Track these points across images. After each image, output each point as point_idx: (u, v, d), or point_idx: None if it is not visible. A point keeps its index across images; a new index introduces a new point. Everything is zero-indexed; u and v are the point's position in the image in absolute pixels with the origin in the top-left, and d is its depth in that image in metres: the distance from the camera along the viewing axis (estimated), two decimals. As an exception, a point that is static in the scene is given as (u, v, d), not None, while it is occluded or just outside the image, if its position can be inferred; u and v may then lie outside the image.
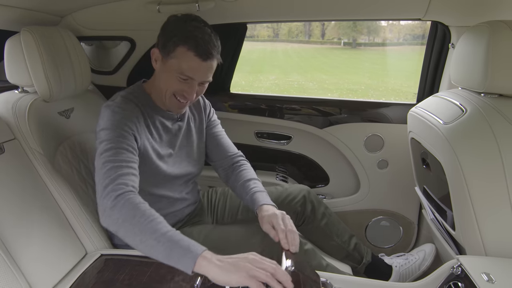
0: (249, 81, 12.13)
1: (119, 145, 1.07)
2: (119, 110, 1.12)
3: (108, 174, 1.00)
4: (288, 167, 1.96)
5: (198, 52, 1.10)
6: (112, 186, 0.98)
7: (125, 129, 1.10)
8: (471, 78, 1.12)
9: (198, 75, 1.15)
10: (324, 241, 1.50)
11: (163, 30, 1.18)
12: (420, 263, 1.48)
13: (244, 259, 0.87)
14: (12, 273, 0.94)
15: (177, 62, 1.13)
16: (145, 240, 0.91)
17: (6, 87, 1.39)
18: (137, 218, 0.93)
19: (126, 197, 0.96)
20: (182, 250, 0.88)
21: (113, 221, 0.95)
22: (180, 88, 1.17)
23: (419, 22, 1.61)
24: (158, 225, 0.92)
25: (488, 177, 0.98)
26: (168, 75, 1.16)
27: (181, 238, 0.91)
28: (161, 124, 1.26)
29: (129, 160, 1.06)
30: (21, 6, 1.31)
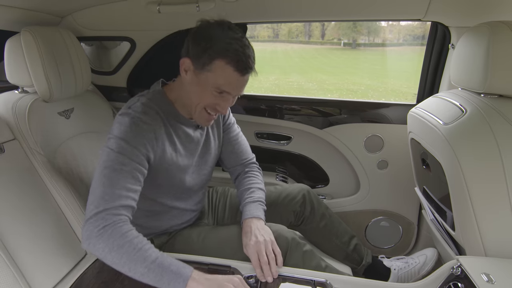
0: (249, 81, 12.12)
1: (127, 167, 0.99)
2: (139, 121, 1.04)
3: (105, 200, 0.95)
4: (288, 167, 1.96)
5: (239, 67, 1.02)
6: (103, 215, 0.94)
7: (139, 148, 1.03)
8: (471, 78, 1.12)
9: (236, 90, 1.08)
10: (323, 242, 1.49)
11: (195, 38, 1.06)
12: (420, 267, 1.47)
13: (229, 280, 0.94)
14: (11, 273, 0.94)
15: (213, 76, 1.04)
16: (134, 268, 0.91)
17: (6, 87, 1.39)
18: (125, 248, 0.92)
19: (114, 227, 0.93)
20: (173, 275, 0.91)
21: (98, 250, 0.93)
22: (213, 102, 1.09)
23: (419, 23, 1.61)
24: (146, 253, 0.93)
25: (488, 177, 0.98)
26: (201, 89, 1.07)
27: (170, 263, 0.93)
28: (183, 133, 1.19)
29: (131, 188, 1.00)
30: (22, 6, 1.31)
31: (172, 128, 1.15)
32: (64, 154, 1.33)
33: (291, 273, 1.06)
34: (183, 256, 1.14)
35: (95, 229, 0.92)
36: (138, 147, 1.02)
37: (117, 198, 0.96)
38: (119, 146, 1.00)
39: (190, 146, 1.22)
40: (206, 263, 1.10)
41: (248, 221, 1.19)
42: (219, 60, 1.02)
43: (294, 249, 1.18)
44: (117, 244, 0.92)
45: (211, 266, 1.08)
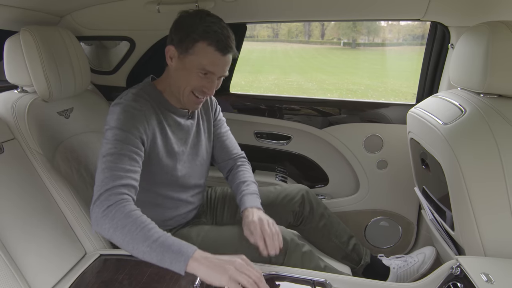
0: (249, 81, 12.13)
1: (123, 151, 1.05)
2: (129, 108, 1.11)
3: (106, 182, 1.00)
4: (287, 167, 1.96)
5: (219, 46, 1.10)
6: (106, 195, 0.98)
7: (133, 131, 1.08)
8: (470, 78, 1.12)
9: (219, 69, 1.15)
10: (322, 242, 1.49)
11: (178, 26, 1.15)
12: (419, 265, 1.47)
13: (231, 262, 0.93)
14: (11, 273, 0.94)
15: (197, 58, 1.11)
16: (137, 247, 0.94)
17: (6, 87, 1.39)
18: (128, 227, 0.95)
19: (117, 206, 0.97)
20: (174, 254, 0.92)
21: (104, 230, 0.97)
22: (200, 84, 1.16)
23: (419, 23, 1.61)
24: (149, 232, 0.95)
25: (487, 177, 0.98)
26: (187, 72, 1.15)
27: (172, 243, 0.95)
28: (173, 121, 1.24)
29: (130, 169, 1.04)
30: (21, 5, 1.31)
31: (162, 115, 1.20)
32: (64, 154, 1.33)
33: (291, 273, 1.06)
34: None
35: (99, 210, 0.97)
36: (131, 130, 1.08)
37: (117, 178, 1.00)
38: (113, 134, 1.07)
39: (181, 134, 1.26)
40: (205, 263, 1.09)
41: (249, 209, 1.23)
42: (201, 42, 1.10)
43: (293, 250, 1.18)
44: (121, 224, 0.95)
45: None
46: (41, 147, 1.23)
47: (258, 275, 0.93)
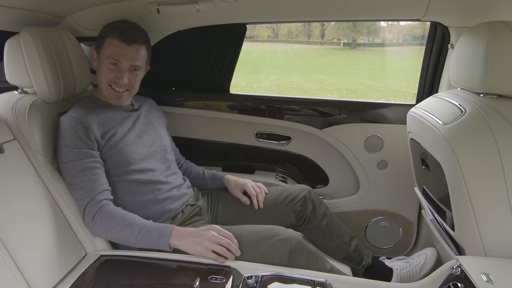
0: (249, 81, 12.14)
1: (81, 165, 1.20)
2: (67, 125, 1.24)
3: (83, 198, 1.19)
4: (287, 167, 1.96)
5: (122, 37, 1.29)
6: (88, 208, 1.18)
7: (79, 145, 1.22)
8: (470, 78, 1.12)
9: (125, 58, 1.31)
10: (324, 241, 1.50)
11: (98, 34, 1.36)
12: (421, 266, 1.48)
13: (204, 236, 1.13)
14: (11, 274, 0.94)
15: (106, 51, 1.31)
16: (128, 241, 1.17)
17: (6, 88, 1.39)
18: (115, 228, 1.16)
19: (100, 214, 1.17)
20: (156, 240, 1.14)
21: (100, 235, 1.21)
22: (111, 75, 1.32)
23: (419, 23, 1.61)
24: (132, 228, 1.16)
25: (487, 177, 0.98)
26: (101, 67, 1.33)
27: (153, 230, 1.16)
28: (118, 115, 1.38)
29: (95, 178, 1.21)
30: (21, 6, 1.31)
31: (103, 114, 1.34)
32: (64, 155, 1.33)
33: (291, 273, 1.06)
34: (183, 257, 1.14)
35: (89, 222, 1.18)
36: (79, 144, 1.22)
37: (90, 192, 1.19)
38: (65, 155, 1.22)
39: (129, 124, 1.39)
40: (205, 263, 1.10)
41: (228, 176, 1.55)
42: (107, 38, 1.31)
43: (298, 253, 1.17)
44: (109, 227, 1.17)
45: (210, 266, 1.08)
46: (42, 148, 1.23)
47: (228, 241, 1.13)
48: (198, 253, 1.12)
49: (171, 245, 1.14)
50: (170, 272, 1.07)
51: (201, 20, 1.66)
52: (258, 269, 1.07)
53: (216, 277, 1.03)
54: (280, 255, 1.14)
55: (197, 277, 1.03)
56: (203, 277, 1.03)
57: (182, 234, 1.14)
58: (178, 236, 1.14)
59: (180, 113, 1.87)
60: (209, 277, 1.03)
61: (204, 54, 1.84)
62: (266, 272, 1.05)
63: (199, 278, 1.02)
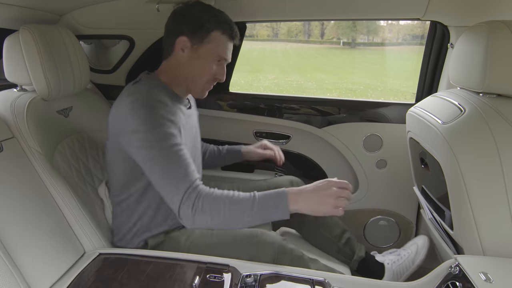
0: (248, 80, 12.13)
1: (172, 149, 1.06)
2: (156, 104, 1.09)
3: (178, 186, 1.03)
4: (286, 166, 1.96)
5: (231, 34, 1.20)
6: (186, 196, 1.02)
7: (167, 125, 1.08)
8: (469, 78, 1.12)
9: (229, 56, 1.24)
10: (314, 235, 1.49)
11: (186, 17, 1.17)
12: (413, 257, 1.43)
13: (328, 194, 1.04)
14: (10, 272, 0.94)
15: (213, 47, 1.17)
16: (240, 222, 1.03)
17: (5, 86, 1.39)
18: (222, 211, 1.02)
19: (199, 198, 1.02)
20: (273, 208, 1.02)
21: (203, 224, 1.04)
22: (214, 71, 1.21)
23: (419, 22, 1.61)
24: (241, 206, 1.02)
25: (486, 176, 0.99)
26: (203, 61, 1.19)
27: (266, 199, 1.03)
28: (181, 111, 1.25)
29: (188, 162, 1.07)
30: (20, 4, 1.31)
31: (174, 106, 1.19)
32: (63, 153, 1.33)
33: (289, 272, 1.06)
34: (181, 255, 1.14)
35: (189, 210, 1.02)
36: (164, 125, 1.07)
37: (186, 177, 1.04)
38: (148, 136, 1.05)
39: (188, 122, 1.28)
40: (204, 262, 1.10)
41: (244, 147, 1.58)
42: (215, 32, 1.17)
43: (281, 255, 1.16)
44: (214, 212, 1.02)
45: (209, 265, 1.08)
46: (40, 146, 1.23)
47: (349, 193, 1.07)
48: (324, 213, 1.04)
49: (291, 211, 1.03)
50: (168, 271, 1.07)
51: (201, 18, 1.66)
52: (256, 268, 1.07)
53: (214, 276, 1.03)
54: (263, 258, 1.14)
55: (195, 275, 1.03)
56: (201, 276, 1.03)
57: (300, 197, 1.04)
58: (296, 201, 1.03)
59: (179, 112, 1.87)
60: (207, 275, 1.03)
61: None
62: (264, 271, 1.05)
63: (197, 277, 1.02)
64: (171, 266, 1.09)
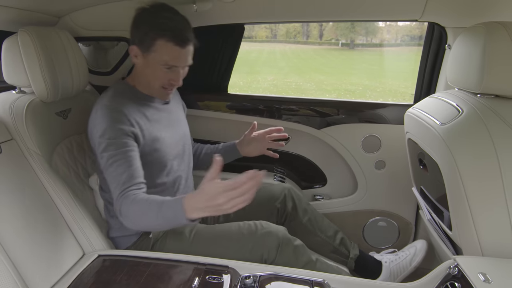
0: (247, 81, 12.14)
1: (122, 155, 1.11)
2: (109, 112, 1.15)
3: (117, 188, 1.09)
4: (285, 167, 1.96)
5: (178, 41, 1.16)
6: (120, 200, 1.07)
7: (120, 135, 1.13)
8: (467, 79, 1.13)
9: (181, 62, 1.21)
10: (308, 237, 1.50)
11: (135, 26, 1.22)
12: (411, 258, 1.46)
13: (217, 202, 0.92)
14: (9, 273, 0.94)
15: (159, 55, 1.18)
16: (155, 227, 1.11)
17: (4, 88, 1.39)
18: (140, 216, 1.05)
19: (124, 205, 1.06)
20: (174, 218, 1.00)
21: (130, 226, 1.10)
22: (166, 77, 1.23)
23: (416, 24, 1.62)
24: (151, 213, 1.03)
25: (485, 177, 0.99)
26: (152, 69, 1.21)
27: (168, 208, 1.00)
28: (154, 108, 1.31)
29: (129, 163, 1.11)
30: (19, 6, 1.31)
31: (142, 107, 1.26)
32: (62, 154, 1.33)
33: (289, 273, 1.06)
34: (181, 257, 1.14)
35: (118, 213, 1.08)
36: (122, 131, 1.13)
37: (124, 183, 1.09)
38: (106, 145, 1.13)
39: (163, 118, 1.33)
40: (203, 263, 1.10)
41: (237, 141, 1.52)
42: (159, 40, 1.16)
43: (285, 246, 1.19)
44: (135, 217, 1.06)
45: (208, 266, 1.08)
46: (39, 148, 1.23)
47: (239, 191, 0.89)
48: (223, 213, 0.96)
49: (191, 219, 0.99)
50: (168, 272, 1.07)
51: (199, 20, 1.66)
52: (256, 268, 1.07)
53: (214, 277, 1.03)
54: (268, 248, 1.17)
55: (195, 276, 1.03)
56: (201, 277, 1.03)
57: (196, 208, 0.97)
58: (192, 212, 0.97)
59: (178, 113, 1.87)
60: (207, 276, 1.03)
61: (202, 54, 1.83)
62: (264, 272, 1.05)
63: (197, 278, 1.02)
64: (170, 267, 1.09)
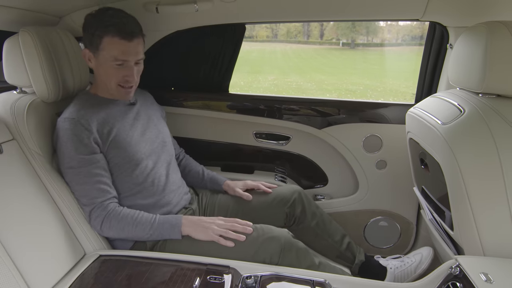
0: (248, 81, 12.14)
1: (84, 172, 1.19)
2: (66, 132, 1.19)
3: (86, 203, 1.20)
4: (286, 167, 1.96)
5: (122, 34, 1.20)
6: (94, 214, 1.19)
7: (83, 151, 1.19)
8: (469, 78, 1.13)
9: (131, 56, 1.24)
10: (315, 241, 1.50)
11: (85, 29, 1.25)
12: (416, 265, 1.47)
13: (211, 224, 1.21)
14: (10, 274, 0.94)
15: (107, 52, 1.21)
16: (142, 237, 1.22)
17: (5, 88, 1.39)
18: (126, 229, 1.20)
19: (108, 217, 1.19)
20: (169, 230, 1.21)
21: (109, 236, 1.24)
22: (120, 74, 1.25)
23: (418, 23, 1.61)
24: (143, 225, 1.20)
25: (486, 177, 0.99)
26: (105, 67, 1.24)
27: (164, 222, 1.22)
28: (118, 111, 1.33)
29: (99, 185, 1.20)
30: (20, 6, 1.31)
31: (104, 113, 1.28)
32: (63, 155, 1.33)
33: (290, 273, 1.06)
34: (182, 257, 1.14)
35: (98, 227, 1.21)
36: (79, 151, 1.19)
37: (95, 199, 1.20)
38: (66, 161, 1.20)
39: (129, 120, 1.35)
40: (204, 263, 1.10)
41: (228, 181, 1.56)
42: (105, 37, 1.20)
43: (288, 249, 1.18)
44: (119, 229, 1.20)
45: (209, 266, 1.08)
46: (40, 148, 1.23)
47: (232, 224, 1.21)
48: (207, 238, 1.19)
49: (183, 233, 1.21)
50: (169, 272, 1.07)
51: (200, 20, 1.66)
52: (257, 269, 1.07)
53: (215, 277, 1.03)
54: (270, 253, 1.16)
55: (196, 276, 1.03)
56: (202, 277, 1.03)
57: (191, 222, 1.22)
58: (188, 224, 1.21)
59: (179, 113, 1.87)
60: (208, 276, 1.03)
61: (203, 54, 1.84)
62: (265, 272, 1.05)
63: (198, 278, 1.02)
64: (171, 267, 1.09)
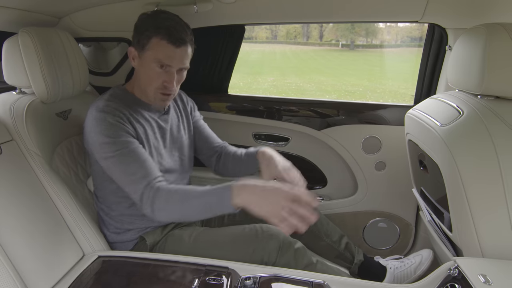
0: (247, 82, 12.14)
1: (132, 153, 1.13)
2: (106, 116, 1.15)
3: (136, 185, 1.10)
4: (286, 168, 1.96)
5: (171, 39, 1.16)
6: (146, 195, 1.09)
7: (124, 130, 1.15)
8: (468, 80, 1.13)
9: (175, 62, 1.19)
10: (314, 242, 1.49)
11: (136, 28, 1.22)
12: (416, 267, 1.47)
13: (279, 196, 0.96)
14: (9, 274, 0.94)
15: (153, 53, 1.18)
16: (194, 214, 1.10)
17: (4, 88, 1.39)
18: (177, 206, 1.07)
19: (157, 198, 1.07)
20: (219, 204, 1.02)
21: (163, 219, 1.13)
22: (160, 79, 1.21)
23: (417, 25, 1.62)
24: (192, 201, 1.06)
25: (485, 178, 0.99)
26: (146, 69, 1.20)
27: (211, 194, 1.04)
28: (150, 117, 1.29)
29: (142, 158, 1.13)
30: (19, 7, 1.31)
31: (137, 114, 1.25)
32: (62, 155, 1.33)
33: (289, 274, 1.06)
34: (180, 258, 1.14)
35: (148, 209, 1.09)
36: (120, 135, 1.14)
37: (143, 178, 1.10)
38: (110, 147, 1.12)
39: (158, 129, 1.30)
40: (203, 264, 1.10)
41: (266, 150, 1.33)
42: (154, 38, 1.17)
43: (286, 249, 1.18)
44: (170, 208, 1.08)
45: (208, 267, 1.08)
46: (39, 149, 1.23)
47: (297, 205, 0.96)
48: (268, 212, 0.96)
49: (239, 204, 0.99)
50: (167, 273, 1.07)
51: (200, 21, 1.67)
52: (256, 270, 1.07)
53: (214, 278, 1.03)
54: (268, 251, 1.16)
55: (195, 278, 1.03)
56: (200, 278, 1.03)
57: (244, 190, 1.00)
58: (239, 193, 0.99)
59: (178, 114, 1.87)
60: (207, 278, 1.03)
61: (202, 55, 1.84)
62: (264, 273, 1.05)
63: (197, 279, 1.02)
64: (170, 268, 1.09)
